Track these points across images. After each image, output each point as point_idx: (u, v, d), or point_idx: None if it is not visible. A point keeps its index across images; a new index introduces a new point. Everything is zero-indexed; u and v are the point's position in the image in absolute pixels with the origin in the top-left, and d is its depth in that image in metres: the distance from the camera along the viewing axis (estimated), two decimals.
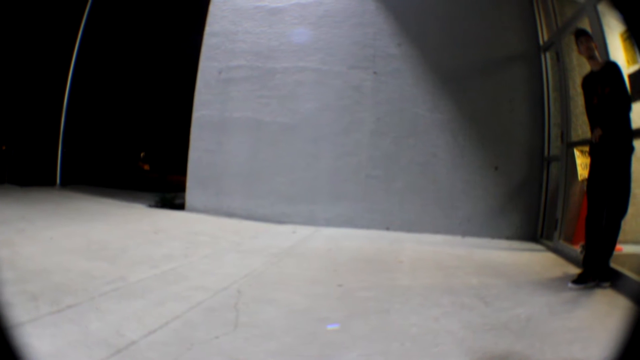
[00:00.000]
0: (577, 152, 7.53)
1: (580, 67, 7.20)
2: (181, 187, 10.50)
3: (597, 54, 5.67)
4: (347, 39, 9.62)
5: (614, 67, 5.43)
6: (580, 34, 5.66)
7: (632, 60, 6.47)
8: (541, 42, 9.08)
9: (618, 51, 6.56)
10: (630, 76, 6.35)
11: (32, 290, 3.99)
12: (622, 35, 6.66)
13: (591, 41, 5.57)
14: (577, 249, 6.66)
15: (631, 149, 5.24)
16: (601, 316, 4.30)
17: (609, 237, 5.29)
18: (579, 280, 5.32)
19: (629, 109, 5.26)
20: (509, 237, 8.92)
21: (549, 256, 7.41)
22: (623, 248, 6.37)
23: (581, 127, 7.35)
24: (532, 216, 8.97)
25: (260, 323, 3.73)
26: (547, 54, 8.96)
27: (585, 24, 6.49)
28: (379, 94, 9.44)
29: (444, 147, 9.23)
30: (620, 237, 5.41)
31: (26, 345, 2.24)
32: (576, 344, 3.54)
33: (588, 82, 5.67)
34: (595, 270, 5.37)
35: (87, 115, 13.75)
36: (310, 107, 9.58)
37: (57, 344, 3.00)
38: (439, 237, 8.75)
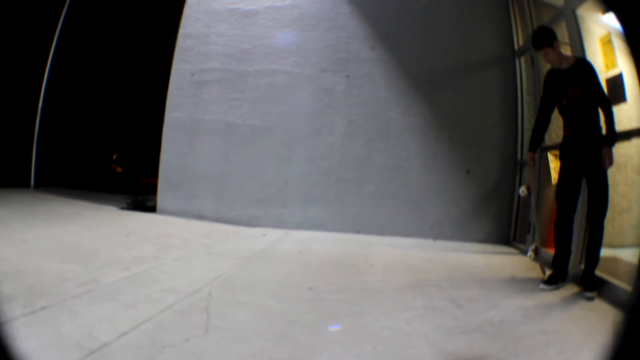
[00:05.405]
0: (550, 156, 7.59)
1: None
2: (153, 190, 10.39)
3: (564, 53, 5.45)
4: (320, 42, 9.60)
5: (587, 67, 5.23)
6: (541, 45, 5.34)
7: (612, 65, 6.46)
8: (516, 47, 9.15)
9: (597, 56, 6.54)
10: (608, 80, 6.33)
11: (6, 292, 3.94)
12: (601, 39, 6.65)
13: (556, 44, 5.27)
14: (550, 252, 6.64)
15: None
16: (577, 319, 4.33)
17: (593, 242, 5.13)
18: (549, 281, 5.36)
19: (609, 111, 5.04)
20: (481, 241, 8.96)
21: (522, 259, 7.43)
22: None
23: (555, 131, 7.37)
24: (504, 220, 9.02)
25: (231, 326, 3.70)
26: (522, 59, 9.02)
27: (563, 29, 6.39)
28: (351, 97, 9.43)
29: (416, 151, 9.24)
30: None
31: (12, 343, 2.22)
32: (551, 347, 3.55)
33: (554, 80, 5.47)
34: (564, 273, 5.42)
35: (61, 116, 13.58)
36: (282, 110, 9.53)
37: (31, 346, 2.94)
38: (410, 241, 8.74)
